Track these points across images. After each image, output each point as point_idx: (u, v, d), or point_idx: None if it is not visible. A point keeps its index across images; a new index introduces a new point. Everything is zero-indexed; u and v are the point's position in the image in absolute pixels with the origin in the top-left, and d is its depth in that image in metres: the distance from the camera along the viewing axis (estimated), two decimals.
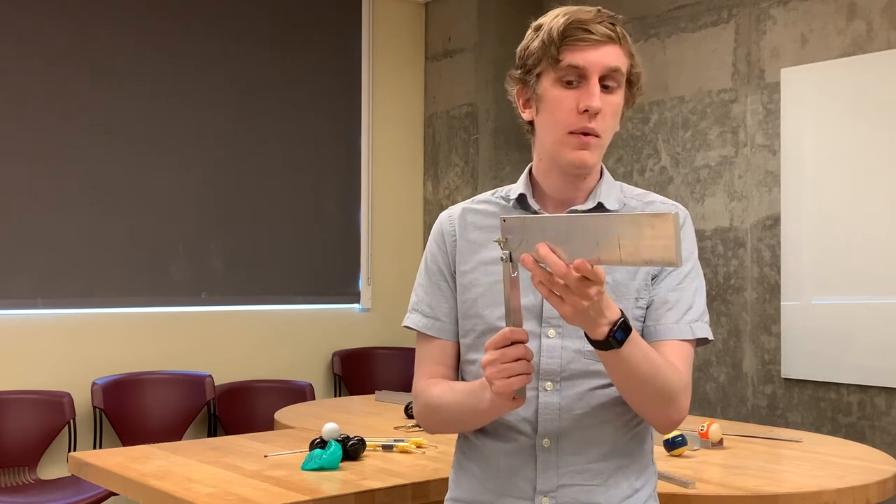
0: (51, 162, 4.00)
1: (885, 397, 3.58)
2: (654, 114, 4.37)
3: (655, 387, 1.31)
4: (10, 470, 3.78)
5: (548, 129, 1.43)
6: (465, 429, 1.48)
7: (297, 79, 4.74)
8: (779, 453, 2.51)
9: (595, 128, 1.39)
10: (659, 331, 1.41)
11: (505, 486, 1.42)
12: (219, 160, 4.47)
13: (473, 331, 1.45)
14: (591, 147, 1.40)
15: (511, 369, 1.24)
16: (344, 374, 4.77)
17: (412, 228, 5.21)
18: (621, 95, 1.42)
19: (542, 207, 1.46)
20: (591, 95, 1.38)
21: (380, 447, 2.38)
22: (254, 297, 4.57)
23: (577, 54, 1.38)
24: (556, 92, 1.41)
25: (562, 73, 1.40)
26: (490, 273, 1.44)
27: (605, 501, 1.41)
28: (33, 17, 3.96)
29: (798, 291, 3.83)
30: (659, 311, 1.42)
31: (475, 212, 1.52)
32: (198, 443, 2.52)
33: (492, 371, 1.25)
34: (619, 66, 1.40)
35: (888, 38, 3.61)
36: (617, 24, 1.41)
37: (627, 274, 1.42)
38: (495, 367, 1.25)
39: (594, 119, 1.39)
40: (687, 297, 1.43)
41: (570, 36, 1.39)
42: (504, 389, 1.25)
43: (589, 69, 1.38)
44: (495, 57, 4.78)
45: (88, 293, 4.08)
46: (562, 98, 1.40)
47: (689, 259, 1.45)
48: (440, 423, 1.50)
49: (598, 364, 1.38)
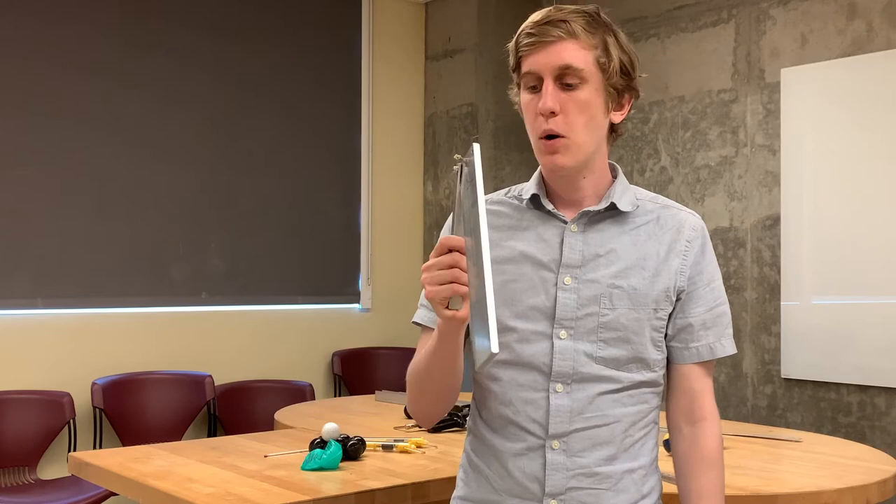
0: (51, 162, 4.00)
1: (885, 397, 3.58)
2: (654, 114, 4.37)
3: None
4: (10, 470, 3.78)
5: (531, 138, 1.45)
6: (434, 381, 1.41)
7: (298, 79, 4.74)
8: (779, 453, 2.51)
9: (553, 128, 1.38)
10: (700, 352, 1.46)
11: (514, 487, 1.42)
12: (219, 160, 4.47)
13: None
14: (559, 149, 1.39)
15: (442, 276, 1.23)
16: (344, 374, 4.77)
17: (412, 228, 5.20)
18: (588, 89, 1.38)
19: (555, 207, 1.46)
20: (541, 97, 1.38)
21: (380, 447, 2.38)
22: (254, 297, 4.57)
23: (530, 59, 1.40)
24: (525, 99, 1.43)
25: (525, 80, 1.42)
26: (502, 272, 1.43)
27: None
28: (33, 18, 3.96)
29: (798, 291, 3.83)
30: (698, 333, 1.45)
31: (488, 211, 1.51)
32: (198, 443, 2.52)
33: (425, 276, 1.25)
34: (571, 62, 1.37)
35: (888, 38, 3.61)
36: (572, 20, 1.38)
37: (645, 282, 1.41)
38: (430, 272, 1.25)
39: (551, 119, 1.38)
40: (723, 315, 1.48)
41: (522, 43, 1.40)
42: (434, 296, 1.24)
43: (540, 71, 1.39)
44: (495, 57, 4.78)
45: (88, 293, 4.08)
46: (527, 104, 1.42)
47: (716, 275, 1.48)
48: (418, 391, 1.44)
49: (609, 370, 1.39)
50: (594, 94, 1.39)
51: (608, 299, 1.40)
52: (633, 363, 1.40)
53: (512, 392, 1.42)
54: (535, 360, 1.40)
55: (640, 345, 1.40)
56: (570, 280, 1.41)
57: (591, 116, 1.40)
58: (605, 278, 1.40)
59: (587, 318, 1.39)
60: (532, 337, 1.40)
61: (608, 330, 1.39)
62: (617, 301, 1.39)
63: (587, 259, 1.42)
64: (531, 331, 1.41)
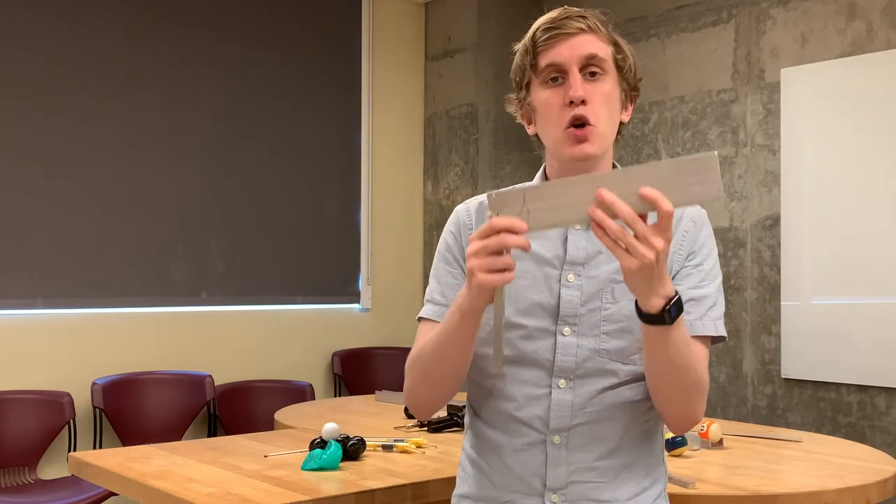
0: (51, 162, 4.00)
1: (885, 397, 3.58)
2: (654, 114, 4.38)
3: (689, 379, 1.31)
4: (10, 470, 3.78)
5: (547, 132, 1.44)
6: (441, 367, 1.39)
7: (298, 79, 4.74)
8: (779, 453, 2.51)
9: (584, 115, 1.39)
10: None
11: (514, 483, 1.43)
12: (219, 160, 4.47)
13: (488, 325, 1.45)
14: (589, 137, 1.40)
15: (493, 263, 1.21)
16: (344, 374, 4.77)
17: (412, 228, 5.20)
18: (610, 82, 1.42)
19: None
20: (572, 86, 1.39)
21: (380, 447, 2.37)
22: (254, 297, 4.57)
23: (552, 52, 1.41)
24: (544, 94, 1.43)
25: (543, 74, 1.42)
26: None
27: (613, 499, 1.41)
28: (33, 17, 3.96)
29: (798, 291, 3.83)
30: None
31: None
32: (198, 443, 2.52)
33: (475, 262, 1.22)
34: (597, 52, 1.40)
35: (888, 38, 3.61)
36: (588, 16, 1.42)
37: None
38: (479, 257, 1.22)
39: (581, 107, 1.39)
40: (711, 293, 1.42)
41: (541, 38, 1.42)
42: (486, 283, 1.21)
43: (565, 62, 1.40)
44: (495, 57, 4.78)
45: (88, 293, 4.08)
46: (549, 98, 1.42)
47: (711, 256, 1.45)
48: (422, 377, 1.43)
49: (613, 363, 1.39)
50: (614, 87, 1.43)
51: (610, 294, 1.40)
52: (636, 354, 1.40)
53: (515, 388, 1.42)
54: (538, 356, 1.41)
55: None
56: (574, 277, 1.41)
57: (613, 109, 1.43)
58: (606, 274, 1.41)
59: (590, 314, 1.40)
60: (535, 334, 1.41)
61: (610, 322, 1.40)
62: (619, 295, 1.40)
63: (590, 256, 1.42)
64: (534, 327, 1.41)
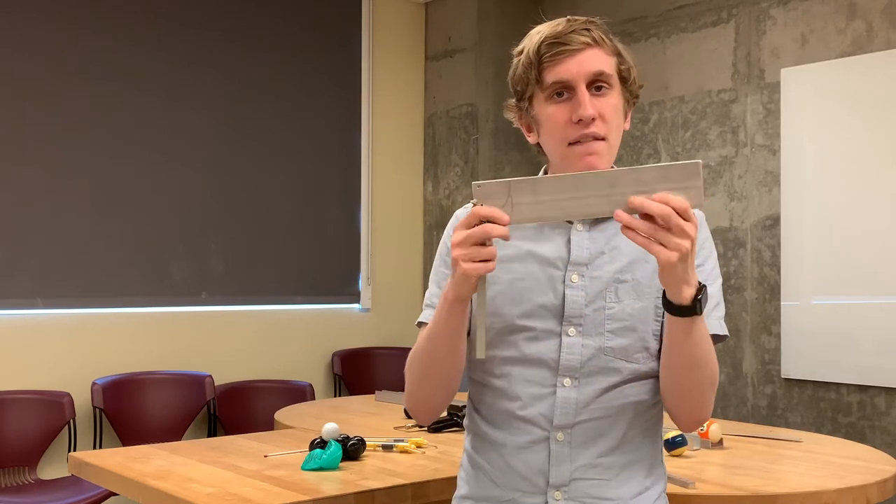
0: (51, 162, 4.00)
1: (885, 397, 3.58)
2: (654, 114, 4.38)
3: (705, 374, 1.33)
4: (10, 470, 3.78)
5: (552, 147, 1.45)
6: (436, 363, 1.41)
7: (298, 79, 4.74)
8: (779, 453, 2.50)
9: (597, 132, 1.40)
10: None
11: (517, 481, 1.43)
12: (219, 160, 4.47)
13: (491, 328, 1.45)
14: (599, 151, 1.41)
15: (476, 253, 1.23)
16: (344, 374, 4.77)
17: (412, 228, 5.21)
18: (616, 94, 1.43)
19: None
20: (580, 104, 1.39)
21: (380, 447, 2.37)
22: (254, 297, 4.57)
23: (558, 68, 1.41)
24: (549, 109, 1.43)
25: (549, 90, 1.42)
26: (509, 270, 1.44)
27: (615, 496, 1.41)
28: (33, 17, 3.96)
29: (798, 291, 3.83)
30: None
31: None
32: (198, 443, 2.52)
33: (459, 252, 1.24)
34: (603, 68, 1.41)
35: (888, 38, 3.61)
36: (592, 28, 1.42)
37: (648, 273, 1.42)
38: (464, 247, 1.24)
39: (592, 124, 1.40)
40: (714, 294, 1.44)
41: (546, 53, 1.41)
42: (470, 273, 1.24)
43: (573, 80, 1.40)
44: (495, 57, 4.78)
45: (88, 293, 4.08)
46: (555, 113, 1.42)
47: (711, 258, 1.46)
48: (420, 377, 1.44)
49: (617, 361, 1.40)
50: (619, 98, 1.44)
51: (614, 293, 1.41)
52: (639, 352, 1.41)
53: (519, 387, 1.42)
54: (543, 356, 1.41)
55: (646, 332, 1.41)
56: (578, 278, 1.42)
57: (620, 121, 1.45)
58: (609, 273, 1.42)
59: (594, 314, 1.40)
60: (541, 335, 1.41)
61: (614, 321, 1.40)
62: (622, 294, 1.41)
63: (593, 256, 1.43)
64: (539, 329, 1.41)
